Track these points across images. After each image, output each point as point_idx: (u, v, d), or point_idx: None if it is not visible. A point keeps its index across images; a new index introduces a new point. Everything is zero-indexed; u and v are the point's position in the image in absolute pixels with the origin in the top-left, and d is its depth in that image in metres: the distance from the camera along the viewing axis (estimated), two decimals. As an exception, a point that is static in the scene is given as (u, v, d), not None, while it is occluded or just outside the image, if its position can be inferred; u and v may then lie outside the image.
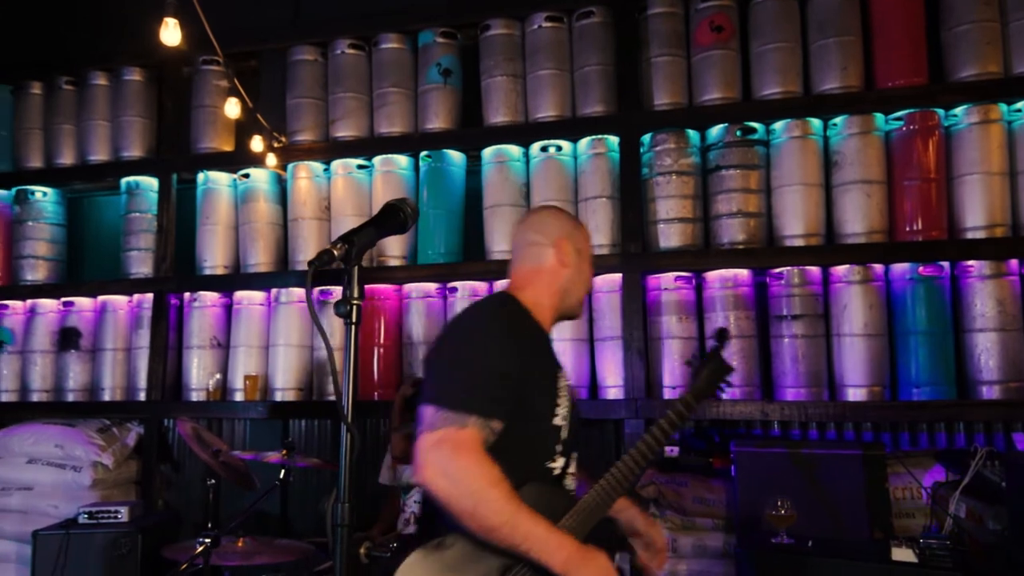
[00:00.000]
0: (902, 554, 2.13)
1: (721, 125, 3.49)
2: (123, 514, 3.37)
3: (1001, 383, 3.12)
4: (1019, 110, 3.25)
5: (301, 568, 2.95)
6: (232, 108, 3.26)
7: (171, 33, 2.27)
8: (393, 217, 1.43)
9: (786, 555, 2.30)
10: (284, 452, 2.61)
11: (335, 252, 1.28)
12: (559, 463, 1.61)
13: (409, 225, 1.46)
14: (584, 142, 3.68)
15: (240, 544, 2.65)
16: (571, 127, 3.69)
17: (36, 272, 4.38)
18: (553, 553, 1.40)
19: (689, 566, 3.03)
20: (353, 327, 1.28)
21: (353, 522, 1.21)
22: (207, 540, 2.34)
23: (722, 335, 1.93)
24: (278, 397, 3.89)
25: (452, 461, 1.38)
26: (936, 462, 3.03)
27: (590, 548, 1.47)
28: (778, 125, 3.46)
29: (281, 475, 2.57)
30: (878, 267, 3.31)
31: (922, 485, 2.91)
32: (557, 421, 1.60)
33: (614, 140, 3.63)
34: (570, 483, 1.66)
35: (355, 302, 1.28)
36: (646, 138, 3.60)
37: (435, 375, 1.53)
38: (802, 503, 2.72)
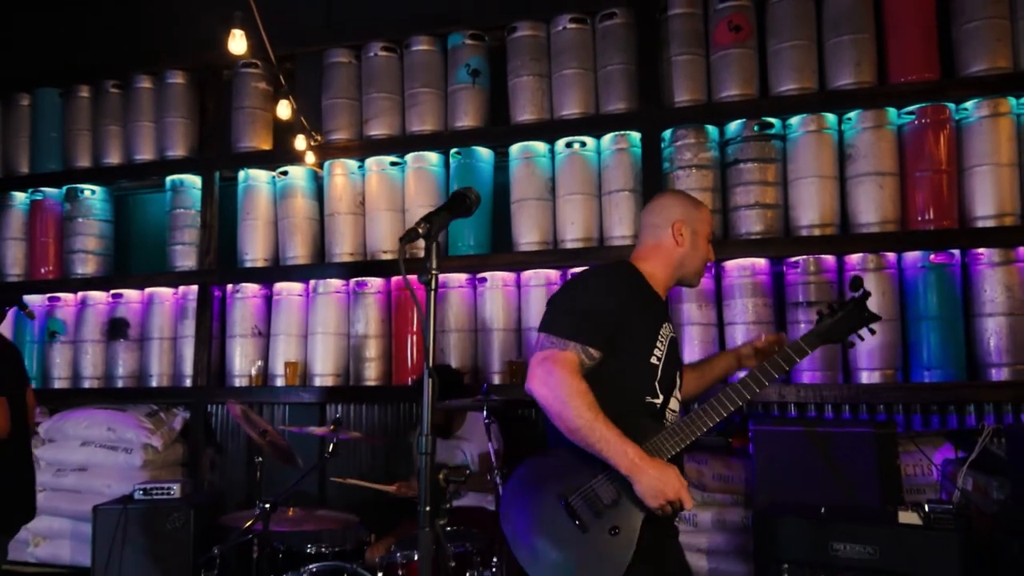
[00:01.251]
0: (908, 517, 2.29)
1: (739, 120, 3.65)
2: (175, 491, 3.60)
3: (1010, 365, 3.25)
4: (1028, 104, 3.38)
5: (345, 536, 3.16)
6: (284, 110, 3.49)
7: (238, 43, 2.46)
8: (461, 202, 1.65)
9: (802, 520, 2.46)
10: (332, 427, 2.80)
11: (419, 230, 1.51)
12: (659, 399, 1.87)
13: (473, 209, 1.67)
14: (607, 138, 3.85)
15: (291, 513, 2.86)
16: (595, 124, 3.86)
17: (86, 266, 4.62)
18: (621, 457, 1.68)
19: (710, 539, 3.21)
20: (432, 292, 1.49)
21: (434, 451, 1.44)
22: (267, 505, 2.54)
23: (856, 283, 2.02)
24: (317, 383, 4.10)
25: (551, 374, 1.72)
26: (946, 441, 3.17)
27: (657, 460, 1.71)
28: (794, 120, 3.60)
29: (330, 448, 2.76)
30: (891, 255, 3.45)
31: (932, 462, 3.05)
32: (653, 361, 1.87)
33: (636, 136, 3.80)
34: (670, 419, 1.89)
35: (434, 272, 1.49)
36: (667, 133, 3.76)
37: (549, 311, 1.88)
38: (818, 479, 2.88)
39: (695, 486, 3.27)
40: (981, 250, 3.34)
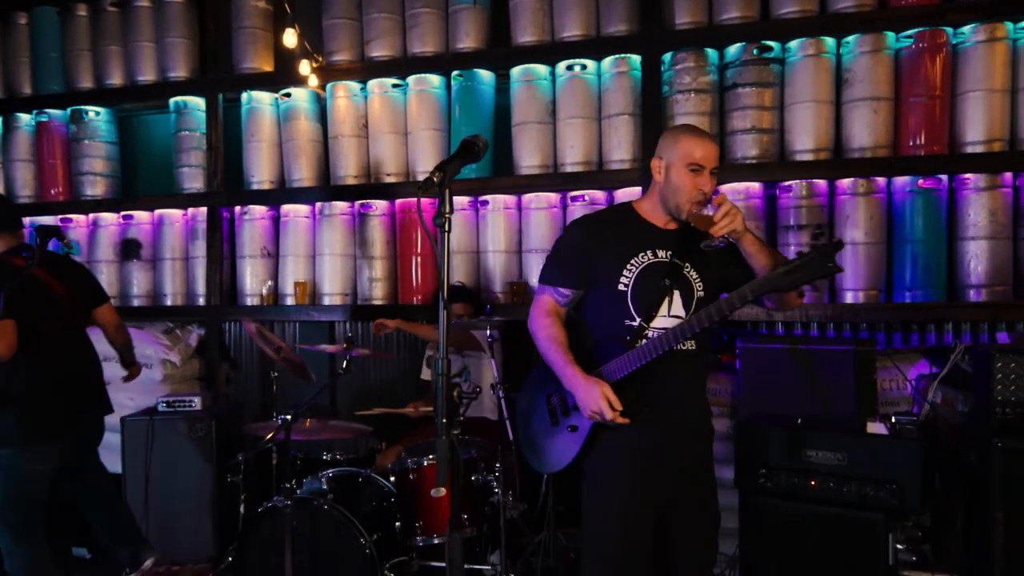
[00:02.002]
0: (875, 427, 2.50)
1: (739, 44, 3.67)
2: (196, 403, 3.82)
3: (988, 287, 3.41)
4: (1025, 28, 3.40)
5: (358, 444, 3.41)
6: (290, 38, 3.52)
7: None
8: (470, 150, 1.82)
9: (779, 429, 2.68)
10: (345, 345, 2.99)
11: (435, 179, 1.69)
12: (636, 321, 2.08)
13: (481, 156, 1.84)
14: (608, 61, 3.87)
15: (308, 423, 3.07)
16: (595, 46, 3.88)
17: (95, 188, 4.72)
18: (563, 376, 2.10)
19: (697, 447, 3.45)
20: (447, 235, 1.67)
21: (449, 371, 1.65)
22: (288, 416, 2.75)
23: (818, 235, 2.13)
24: (326, 301, 4.28)
25: (530, 314, 2.22)
26: (922, 357, 3.37)
27: (589, 379, 2.03)
28: (793, 44, 3.63)
29: (344, 364, 2.95)
30: (881, 180, 3.55)
31: (907, 377, 3.25)
32: (620, 288, 2.10)
33: (636, 59, 3.83)
34: (653, 336, 2.06)
35: (447, 215, 1.67)
36: (667, 57, 3.78)
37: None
38: (799, 392, 3.09)
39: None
40: (968, 175, 3.44)
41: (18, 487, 2.86)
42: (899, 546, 2.46)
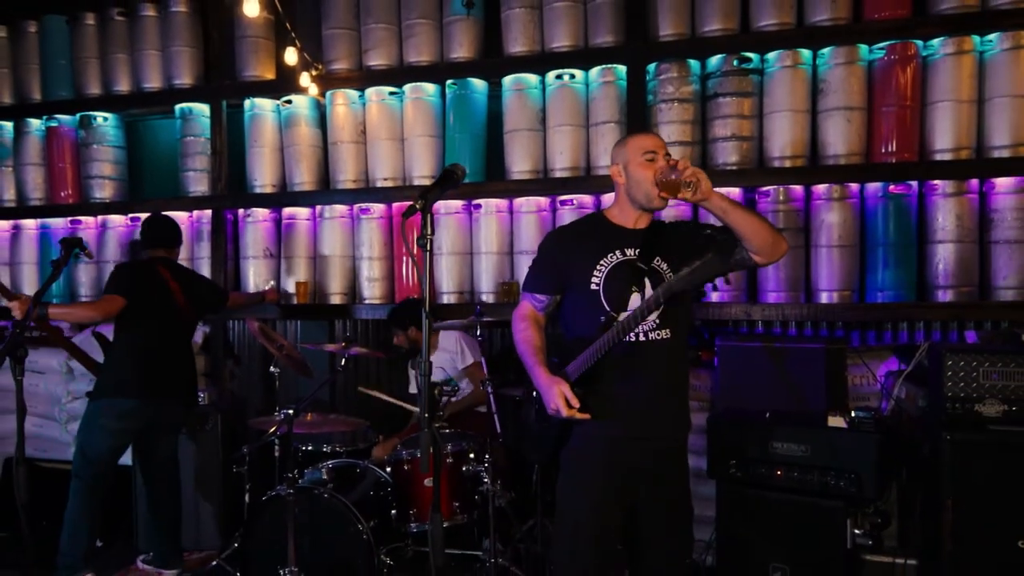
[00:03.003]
0: (835, 421, 2.68)
1: (720, 55, 3.84)
2: (203, 398, 4.01)
3: (954, 287, 3.59)
4: (991, 41, 3.56)
5: (356, 437, 3.60)
6: (291, 56, 3.97)
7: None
8: (450, 178, 2.03)
9: (748, 423, 2.87)
10: (344, 344, 3.17)
11: (417, 206, 1.92)
12: (607, 316, 2.22)
13: (460, 182, 2.05)
14: (595, 71, 4.04)
15: (309, 417, 3.27)
16: (583, 57, 4.05)
17: (104, 191, 4.90)
18: (532, 375, 2.29)
19: (678, 440, 3.63)
20: (428, 254, 1.95)
21: (430, 372, 1.90)
22: (290, 411, 2.93)
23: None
24: (326, 301, 4.45)
25: (513, 319, 2.41)
26: (891, 355, 3.55)
27: (551, 377, 2.21)
28: (772, 55, 3.80)
29: (342, 362, 3.13)
30: (854, 186, 3.73)
31: (875, 375, 3.43)
32: (592, 287, 2.26)
33: (622, 69, 4.00)
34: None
35: (430, 236, 1.92)
36: (651, 67, 3.95)
37: None
38: (772, 389, 3.27)
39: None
40: (936, 182, 3.61)
41: (91, 438, 3.33)
42: (856, 531, 2.65)
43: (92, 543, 3.36)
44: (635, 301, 2.21)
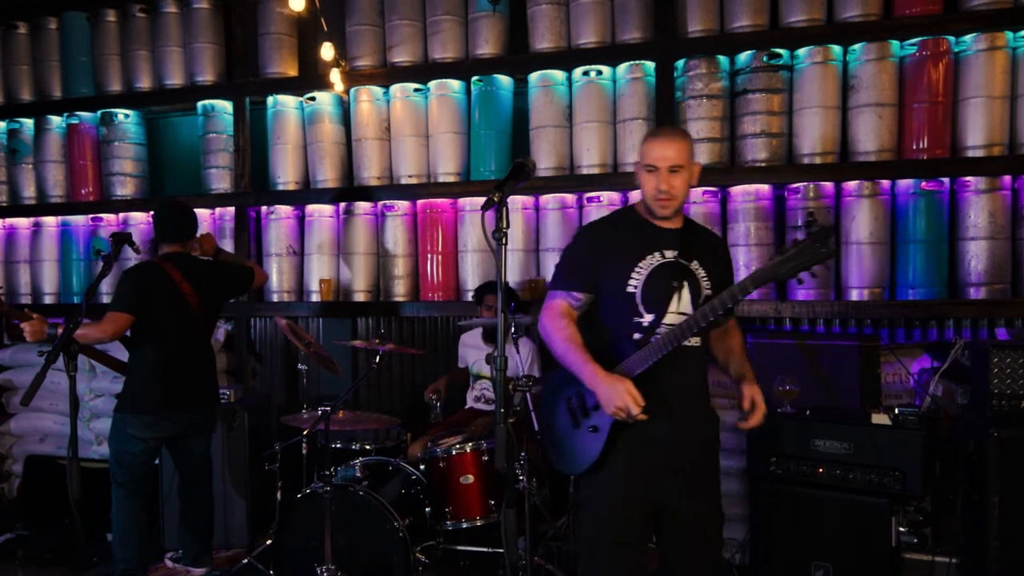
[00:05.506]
0: (879, 418, 2.67)
1: (749, 51, 3.82)
2: (229, 395, 4.00)
3: (987, 285, 3.57)
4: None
5: (386, 435, 3.59)
6: (327, 51, 3.75)
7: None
8: (522, 170, 2.01)
9: (788, 420, 2.85)
10: (378, 340, 3.15)
11: (494, 199, 1.89)
12: (647, 318, 2.19)
13: (532, 175, 2.04)
14: (622, 67, 4.02)
15: (341, 415, 3.25)
16: (611, 53, 4.03)
17: (125, 188, 4.88)
18: (583, 375, 2.13)
19: (708, 437, 3.62)
20: (503, 247, 1.92)
21: (505, 367, 1.97)
22: (327, 408, 2.92)
23: (810, 222, 2.12)
24: (350, 298, 4.44)
25: (543, 317, 2.27)
26: (924, 352, 3.54)
27: (611, 376, 2.08)
28: (801, 51, 3.78)
29: (377, 359, 3.11)
30: (885, 182, 3.71)
31: (909, 372, 3.42)
32: (629, 290, 2.20)
33: (650, 65, 3.98)
34: (663, 331, 2.17)
35: (505, 229, 1.90)
36: (680, 63, 3.94)
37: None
38: (805, 385, 3.24)
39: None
40: (968, 178, 3.60)
41: (122, 446, 3.29)
42: (901, 529, 2.63)
43: (144, 545, 3.33)
44: (673, 306, 2.20)
